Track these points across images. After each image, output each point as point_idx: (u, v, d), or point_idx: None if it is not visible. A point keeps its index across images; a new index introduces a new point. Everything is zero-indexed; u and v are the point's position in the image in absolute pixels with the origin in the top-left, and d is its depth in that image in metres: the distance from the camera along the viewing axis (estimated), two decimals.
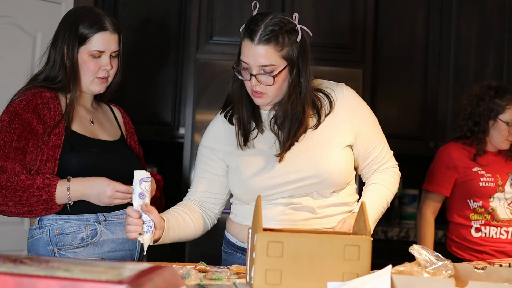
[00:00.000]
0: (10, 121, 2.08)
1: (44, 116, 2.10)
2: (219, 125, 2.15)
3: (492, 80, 3.47)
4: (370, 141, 2.12)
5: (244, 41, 1.97)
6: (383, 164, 2.17)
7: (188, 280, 1.72)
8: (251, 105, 2.08)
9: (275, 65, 1.94)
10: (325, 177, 2.03)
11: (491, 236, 3.11)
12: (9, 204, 2.02)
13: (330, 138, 2.06)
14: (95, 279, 1.08)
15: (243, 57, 1.98)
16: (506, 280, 1.66)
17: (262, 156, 2.07)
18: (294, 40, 1.96)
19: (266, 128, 2.10)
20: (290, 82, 1.99)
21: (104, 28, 2.15)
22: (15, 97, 2.14)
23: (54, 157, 2.08)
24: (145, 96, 3.98)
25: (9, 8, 3.40)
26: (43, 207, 2.04)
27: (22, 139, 2.06)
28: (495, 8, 4.20)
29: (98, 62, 2.16)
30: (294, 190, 2.05)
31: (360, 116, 2.11)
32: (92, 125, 2.22)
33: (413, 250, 1.67)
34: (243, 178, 2.07)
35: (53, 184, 2.03)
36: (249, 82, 1.99)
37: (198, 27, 3.84)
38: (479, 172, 3.14)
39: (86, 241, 2.10)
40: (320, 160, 2.03)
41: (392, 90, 4.14)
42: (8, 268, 1.12)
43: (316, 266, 1.60)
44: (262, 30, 1.93)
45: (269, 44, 1.92)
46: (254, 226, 1.69)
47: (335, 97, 2.08)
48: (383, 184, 2.15)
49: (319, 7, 3.88)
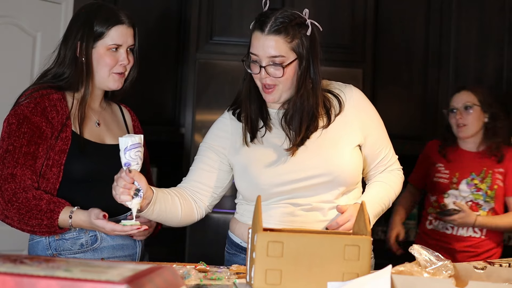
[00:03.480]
0: (19, 125, 2.04)
1: (52, 119, 2.07)
2: (226, 122, 2.14)
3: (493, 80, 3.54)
4: (378, 142, 2.13)
5: (254, 33, 1.98)
6: (389, 166, 2.18)
7: (188, 280, 1.72)
8: (259, 102, 2.08)
9: (285, 56, 1.96)
10: (337, 175, 2.02)
11: (438, 229, 3.24)
12: (14, 219, 2.00)
13: (341, 137, 2.06)
14: (95, 279, 1.08)
15: (253, 49, 1.98)
16: (506, 280, 1.66)
17: (271, 153, 2.06)
18: (304, 33, 1.98)
19: (275, 126, 2.09)
20: (299, 76, 1.99)
21: (121, 22, 2.12)
22: (22, 99, 2.09)
23: (59, 162, 2.05)
24: (145, 96, 3.98)
25: (9, 8, 3.39)
26: (45, 230, 2.01)
27: (32, 144, 2.03)
28: (495, 8, 4.20)
29: (115, 56, 2.12)
30: (304, 189, 2.03)
31: (369, 117, 2.12)
32: (98, 127, 2.18)
33: (413, 250, 1.67)
34: (251, 174, 2.04)
35: (57, 211, 1.99)
36: (258, 75, 1.99)
37: (198, 27, 3.84)
38: (439, 167, 3.26)
39: (86, 247, 2.08)
40: (331, 158, 2.03)
41: (392, 90, 4.14)
42: (8, 268, 1.12)
43: (316, 266, 1.60)
44: (273, 22, 1.95)
45: (279, 35, 1.94)
46: (254, 226, 1.69)
47: (345, 97, 2.09)
48: (387, 183, 2.15)
49: (319, 7, 3.88)
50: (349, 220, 1.97)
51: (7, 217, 2.01)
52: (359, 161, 2.08)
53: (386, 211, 2.18)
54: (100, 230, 2.02)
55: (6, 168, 2.00)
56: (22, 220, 1.99)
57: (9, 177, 2.00)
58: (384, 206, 2.12)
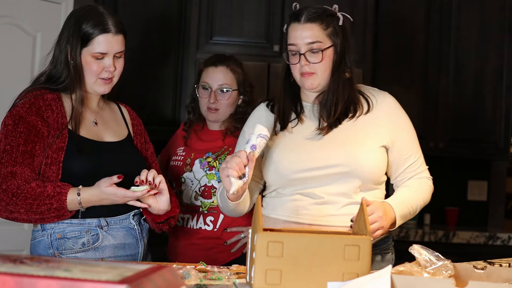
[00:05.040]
0: (15, 125, 2.06)
1: (47, 118, 2.08)
2: (261, 112, 2.24)
3: None
4: (406, 148, 2.16)
5: (291, 25, 2.11)
6: (418, 173, 2.19)
7: (188, 280, 1.72)
8: (294, 96, 2.18)
9: (322, 42, 2.08)
10: (355, 168, 2.06)
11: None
12: (20, 212, 2.00)
13: (366, 134, 2.11)
14: (95, 279, 1.08)
15: (290, 40, 2.10)
16: (506, 280, 1.66)
17: (297, 141, 2.13)
18: (336, 23, 2.10)
19: (307, 117, 2.16)
20: (334, 63, 2.10)
21: (107, 30, 2.11)
22: (17, 100, 2.12)
23: (58, 160, 2.06)
24: (145, 96, 3.98)
25: (9, 8, 3.39)
26: (54, 215, 2.01)
27: (29, 143, 2.04)
28: (495, 8, 4.20)
29: (101, 64, 2.13)
30: (321, 178, 2.07)
31: (400, 124, 2.17)
32: (96, 126, 2.20)
33: (413, 250, 1.67)
34: (275, 159, 2.12)
35: (64, 193, 2.00)
36: (297, 65, 2.09)
37: (198, 27, 3.84)
38: (178, 151, 2.80)
39: (87, 246, 2.09)
40: (352, 150, 2.08)
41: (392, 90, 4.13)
42: (8, 268, 1.12)
43: (316, 266, 1.60)
44: (307, 12, 2.09)
45: (314, 22, 2.08)
46: (254, 226, 1.69)
47: (376, 101, 2.17)
48: (416, 188, 2.17)
49: None
50: (377, 222, 1.97)
51: (13, 212, 2.00)
52: (381, 161, 2.12)
53: None
54: (111, 200, 2.02)
55: (5, 167, 2.02)
56: (30, 210, 1.99)
57: (9, 175, 2.01)
58: (412, 209, 2.13)
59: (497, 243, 4.05)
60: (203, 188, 2.67)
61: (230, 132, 2.73)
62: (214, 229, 2.65)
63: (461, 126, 4.23)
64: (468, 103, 4.22)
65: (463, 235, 4.04)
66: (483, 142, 4.25)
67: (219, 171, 1.94)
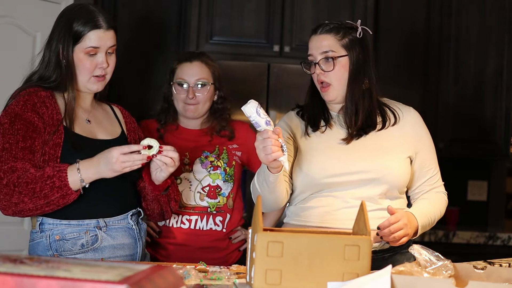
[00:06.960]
0: (11, 123, 2.05)
1: (43, 115, 2.08)
2: (292, 116, 2.28)
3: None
4: (428, 161, 2.24)
5: (310, 38, 2.21)
6: (435, 187, 2.26)
7: (188, 280, 1.72)
8: (321, 105, 2.24)
9: (335, 51, 2.15)
10: (384, 174, 2.12)
11: (171, 225, 2.65)
12: (25, 201, 1.98)
13: (394, 143, 2.19)
14: (95, 279, 1.08)
15: (309, 51, 2.20)
16: (506, 280, 1.66)
17: (327, 146, 2.17)
18: (354, 35, 2.17)
19: (336, 124, 2.22)
20: (351, 73, 2.15)
21: (98, 26, 2.12)
22: (11, 99, 2.12)
23: (55, 156, 2.06)
24: (145, 96, 3.98)
25: (9, 8, 3.39)
26: (59, 195, 1.99)
27: (27, 139, 2.04)
28: (495, 8, 4.20)
29: (94, 60, 2.13)
30: (350, 183, 2.11)
31: (424, 137, 2.25)
32: (89, 124, 2.20)
33: (413, 250, 1.67)
34: (303, 163, 2.15)
35: (63, 169, 1.99)
36: (315, 75, 2.18)
37: (198, 27, 3.84)
38: None
39: (86, 247, 2.08)
40: (381, 157, 2.15)
41: (392, 90, 4.13)
42: (8, 268, 1.12)
43: (316, 266, 1.60)
44: (325, 25, 2.19)
45: (330, 33, 2.17)
46: (254, 226, 1.69)
47: (402, 115, 2.24)
48: (434, 201, 2.24)
49: (319, 7, 3.88)
50: (402, 229, 2.01)
51: (18, 204, 1.99)
52: (407, 170, 2.19)
53: None
54: (108, 161, 1.99)
55: (5, 164, 2.01)
56: (34, 195, 1.97)
57: (10, 170, 2.00)
58: (430, 220, 2.19)
59: (497, 243, 4.04)
60: (207, 188, 2.65)
61: (216, 132, 2.70)
62: (223, 229, 2.65)
63: (461, 126, 4.23)
64: (468, 103, 4.22)
65: (463, 235, 4.04)
66: (483, 142, 4.25)
67: (262, 158, 1.91)
